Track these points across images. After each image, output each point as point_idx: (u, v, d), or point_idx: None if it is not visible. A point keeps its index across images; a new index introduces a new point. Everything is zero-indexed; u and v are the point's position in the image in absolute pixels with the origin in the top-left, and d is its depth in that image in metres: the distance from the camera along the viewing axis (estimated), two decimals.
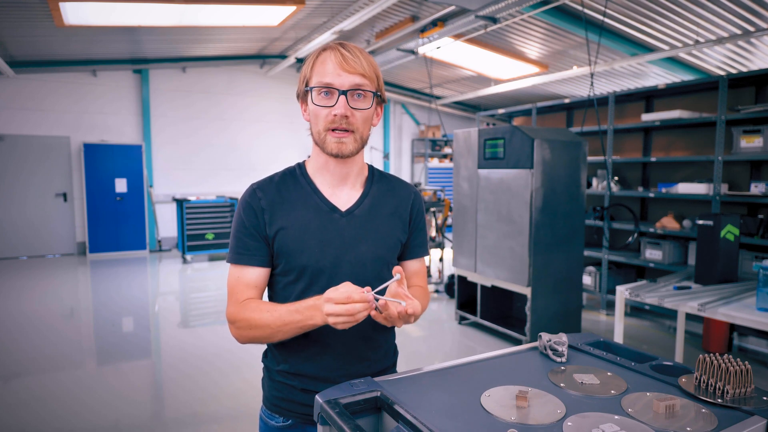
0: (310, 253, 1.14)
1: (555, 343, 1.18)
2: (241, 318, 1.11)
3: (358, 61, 1.10)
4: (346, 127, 1.11)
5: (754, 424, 0.86)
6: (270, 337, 1.10)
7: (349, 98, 1.10)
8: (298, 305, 1.05)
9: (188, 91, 9.01)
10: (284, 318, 1.05)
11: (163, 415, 3.10)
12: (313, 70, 1.12)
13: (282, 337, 1.09)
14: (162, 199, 8.92)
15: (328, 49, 1.12)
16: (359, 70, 1.10)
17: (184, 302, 5.90)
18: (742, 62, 6.22)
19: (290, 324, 1.05)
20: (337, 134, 1.12)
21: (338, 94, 1.09)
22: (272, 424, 1.23)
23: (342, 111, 1.10)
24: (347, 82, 1.10)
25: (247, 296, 1.15)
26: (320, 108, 1.11)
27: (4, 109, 7.71)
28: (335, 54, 1.10)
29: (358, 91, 1.11)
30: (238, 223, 1.17)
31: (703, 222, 3.00)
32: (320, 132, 1.13)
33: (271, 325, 1.07)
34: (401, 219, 1.25)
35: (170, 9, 5.55)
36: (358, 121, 1.13)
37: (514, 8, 4.95)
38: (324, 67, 1.11)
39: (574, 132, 4.87)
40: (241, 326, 1.11)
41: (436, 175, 11.49)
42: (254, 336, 1.11)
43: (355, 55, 1.11)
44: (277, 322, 1.06)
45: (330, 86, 1.09)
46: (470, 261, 4.49)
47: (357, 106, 1.12)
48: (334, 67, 1.09)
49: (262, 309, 1.09)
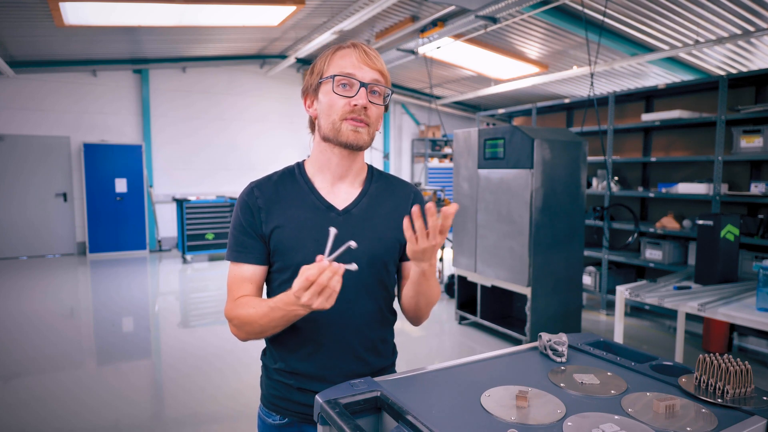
0: (305, 252, 1.14)
1: (555, 343, 1.18)
2: (234, 315, 1.12)
3: (378, 59, 1.16)
4: (364, 118, 1.13)
5: (754, 424, 0.86)
6: (262, 332, 1.10)
7: (368, 91, 1.13)
8: (276, 301, 1.03)
9: (188, 91, 9.01)
10: (268, 314, 1.05)
11: (163, 415, 3.10)
12: (331, 63, 1.15)
13: (273, 331, 1.09)
14: (162, 199, 8.92)
15: (348, 47, 1.16)
16: (378, 67, 1.15)
17: (184, 302, 5.90)
18: (742, 62, 6.23)
19: (275, 319, 1.05)
20: (354, 123, 1.13)
21: (359, 85, 1.12)
22: (270, 422, 1.23)
23: (363, 101, 1.12)
24: (368, 75, 1.13)
25: (242, 293, 1.16)
26: (339, 98, 1.13)
27: (4, 109, 7.71)
28: (357, 50, 1.14)
29: (376, 87, 1.14)
30: (236, 221, 1.19)
31: (703, 222, 3.01)
32: (335, 121, 1.14)
33: (258, 321, 1.07)
34: (400, 219, 1.25)
35: (170, 9, 5.56)
36: (374, 115, 1.15)
37: (514, 8, 4.95)
38: (344, 60, 1.13)
39: (574, 132, 4.87)
40: (236, 323, 1.12)
41: (436, 175, 11.49)
42: (248, 332, 1.11)
43: (375, 53, 1.16)
44: (263, 319, 1.06)
45: (352, 76, 1.12)
46: (470, 261, 4.49)
47: (374, 101, 1.14)
48: (356, 60, 1.13)
49: (248, 305, 1.10)
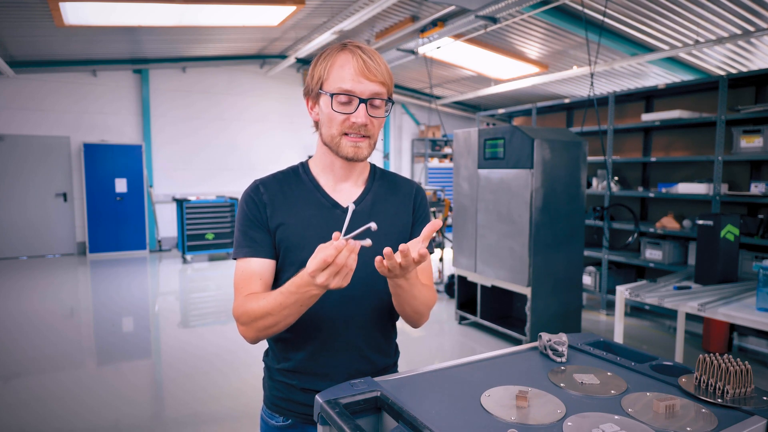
0: (310, 249, 1.12)
1: (555, 343, 1.18)
2: (242, 312, 1.08)
3: (379, 69, 1.08)
4: (364, 133, 1.11)
5: (754, 424, 0.86)
6: (276, 324, 1.05)
7: (368, 106, 1.09)
8: (288, 286, 1.00)
9: (188, 91, 9.01)
10: (282, 301, 1.01)
11: (163, 415, 3.10)
12: (331, 72, 1.09)
13: (286, 321, 1.04)
14: (162, 199, 8.92)
15: (347, 52, 1.09)
16: (379, 78, 1.08)
17: (184, 302, 5.90)
18: (742, 62, 6.22)
19: (289, 306, 1.01)
20: (354, 139, 1.11)
21: (359, 102, 1.08)
22: (273, 423, 1.23)
23: (362, 120, 1.08)
24: (368, 90, 1.08)
25: (251, 289, 1.12)
26: (338, 114, 1.10)
27: (4, 109, 7.71)
28: (356, 59, 1.07)
29: (376, 100, 1.10)
30: (242, 217, 1.16)
31: (703, 222, 3.00)
32: (334, 136, 1.12)
33: (271, 311, 1.02)
34: (404, 216, 1.25)
35: (170, 9, 5.55)
36: (375, 128, 1.13)
37: (514, 8, 4.95)
38: (343, 72, 1.07)
39: (574, 132, 4.87)
40: (245, 321, 1.07)
41: (436, 175, 11.49)
42: (259, 328, 1.06)
43: (375, 61, 1.09)
44: (277, 307, 1.01)
45: (351, 93, 1.07)
46: (470, 261, 4.49)
47: (374, 114, 1.11)
48: (355, 73, 1.07)
49: (259, 298, 1.06)
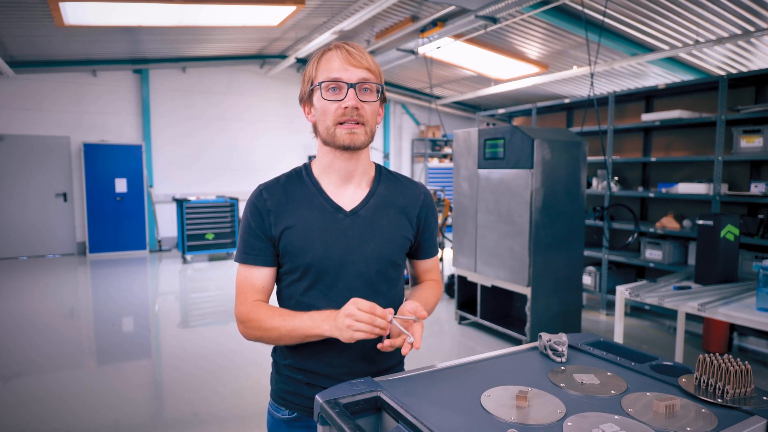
0: (314, 253, 1.16)
1: (555, 343, 1.18)
2: (253, 319, 1.16)
3: (363, 57, 1.14)
4: (357, 119, 1.13)
5: (754, 424, 0.86)
6: (276, 340, 1.16)
7: (357, 91, 1.12)
8: (313, 313, 1.09)
9: (188, 91, 9.01)
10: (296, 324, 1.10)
11: (164, 415, 3.10)
12: (318, 69, 1.15)
13: (286, 342, 1.15)
14: (162, 199, 8.92)
15: (332, 49, 1.15)
16: (365, 65, 1.13)
17: (184, 302, 5.90)
18: (742, 62, 6.22)
19: (296, 338, 1.12)
20: (348, 126, 1.13)
21: (347, 87, 1.11)
22: (279, 416, 1.25)
23: (353, 103, 1.11)
24: (355, 75, 1.12)
25: (254, 296, 1.19)
26: (329, 103, 1.13)
27: (4, 109, 7.70)
28: (340, 51, 1.13)
29: (365, 84, 1.13)
30: (245, 224, 1.21)
31: (703, 222, 3.00)
32: (329, 127, 1.14)
33: (280, 329, 1.12)
34: (409, 218, 1.26)
35: (170, 9, 5.55)
36: (368, 114, 1.15)
37: (514, 8, 4.95)
38: (330, 65, 1.13)
39: (574, 132, 4.87)
40: (251, 326, 1.16)
41: (436, 175, 11.48)
42: (261, 336, 1.16)
43: (359, 51, 1.14)
44: (288, 327, 1.11)
45: (338, 80, 1.11)
46: (470, 261, 4.49)
47: (365, 99, 1.13)
48: (341, 62, 1.12)
49: (275, 314, 1.14)
